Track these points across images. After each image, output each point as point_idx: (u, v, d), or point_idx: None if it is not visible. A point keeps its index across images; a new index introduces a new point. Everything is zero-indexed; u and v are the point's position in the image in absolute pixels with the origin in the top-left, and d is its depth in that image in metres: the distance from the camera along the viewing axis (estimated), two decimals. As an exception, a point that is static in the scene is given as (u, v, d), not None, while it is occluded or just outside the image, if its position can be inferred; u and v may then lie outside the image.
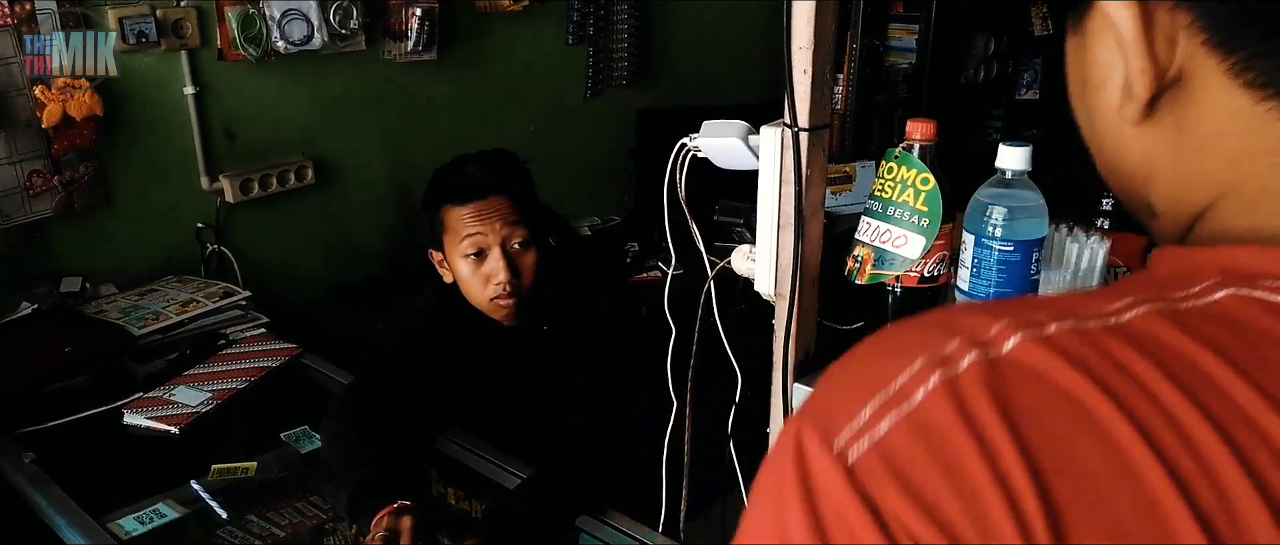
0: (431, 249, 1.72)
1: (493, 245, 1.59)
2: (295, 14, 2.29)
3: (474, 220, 1.59)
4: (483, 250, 1.59)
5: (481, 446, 1.63)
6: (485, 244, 1.59)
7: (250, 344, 1.95)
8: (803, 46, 1.06)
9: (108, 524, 1.39)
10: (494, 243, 1.58)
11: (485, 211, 1.58)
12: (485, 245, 1.59)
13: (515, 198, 1.60)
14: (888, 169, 1.07)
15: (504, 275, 1.58)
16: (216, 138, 2.30)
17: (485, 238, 1.59)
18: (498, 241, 1.58)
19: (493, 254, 1.59)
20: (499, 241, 1.58)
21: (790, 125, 1.09)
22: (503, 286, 1.59)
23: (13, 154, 1.96)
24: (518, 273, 1.60)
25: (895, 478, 0.36)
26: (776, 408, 1.20)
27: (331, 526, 1.61)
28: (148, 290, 2.07)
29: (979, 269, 1.02)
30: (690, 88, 3.51)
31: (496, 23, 2.85)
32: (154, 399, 1.72)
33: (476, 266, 1.61)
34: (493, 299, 1.62)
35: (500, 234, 1.58)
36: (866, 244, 1.08)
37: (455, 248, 1.62)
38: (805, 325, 1.18)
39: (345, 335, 2.42)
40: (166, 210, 2.25)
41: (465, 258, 1.61)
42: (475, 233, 1.59)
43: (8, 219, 1.97)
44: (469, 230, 1.59)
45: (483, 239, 1.59)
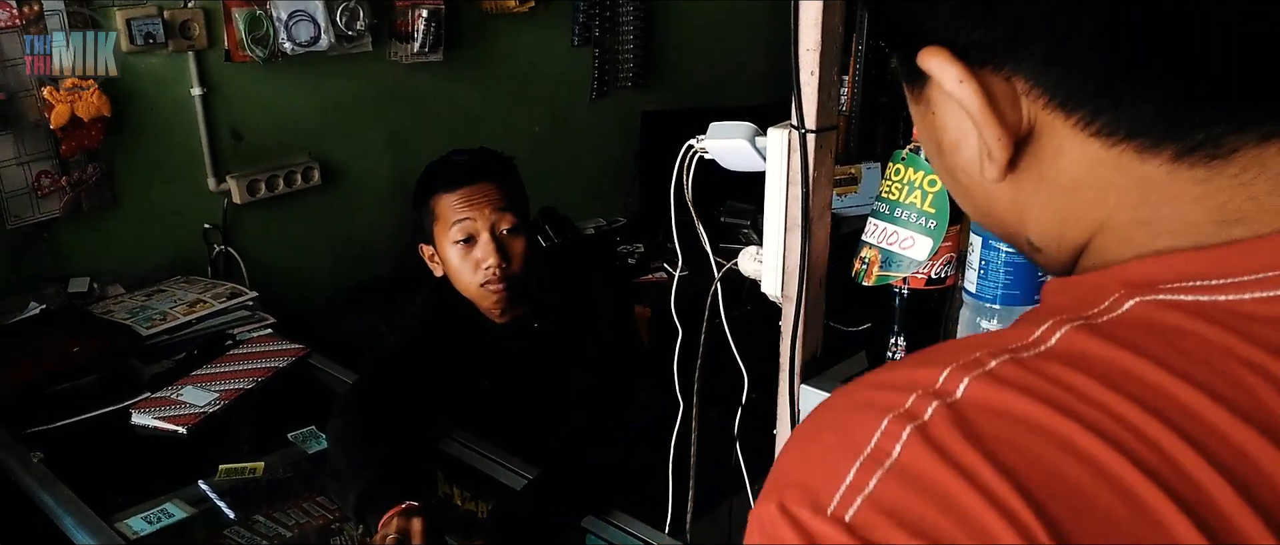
0: (422, 243, 1.73)
1: (481, 230, 1.60)
2: (302, 15, 2.29)
3: (463, 205, 1.61)
4: (472, 236, 1.61)
5: (486, 446, 1.64)
6: (474, 229, 1.61)
7: (257, 344, 1.96)
8: (810, 48, 1.07)
9: (116, 524, 1.39)
10: (483, 228, 1.60)
11: (473, 196, 1.60)
12: (474, 230, 1.61)
13: (503, 184, 1.62)
14: (895, 171, 1.07)
15: (493, 259, 1.60)
16: (223, 138, 2.31)
17: (474, 223, 1.61)
18: (486, 227, 1.60)
19: (482, 239, 1.61)
20: (487, 227, 1.60)
21: (797, 127, 1.09)
22: (492, 270, 1.61)
23: (21, 155, 1.97)
24: (507, 258, 1.61)
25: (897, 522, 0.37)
26: (783, 409, 1.20)
27: (338, 527, 1.61)
28: (155, 290, 2.08)
29: (986, 271, 1.03)
30: (694, 90, 3.52)
31: (502, 24, 2.85)
32: (161, 399, 1.72)
33: (466, 252, 1.62)
34: (482, 285, 1.63)
35: (489, 219, 1.59)
36: (873, 246, 1.08)
37: (445, 236, 1.64)
38: (812, 327, 1.18)
39: (351, 336, 2.43)
40: (173, 211, 2.26)
41: (455, 245, 1.63)
42: (464, 218, 1.61)
43: (16, 219, 1.98)
44: (458, 216, 1.61)
45: (471, 224, 1.61)
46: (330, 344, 2.03)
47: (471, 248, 1.62)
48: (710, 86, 3.60)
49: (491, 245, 1.60)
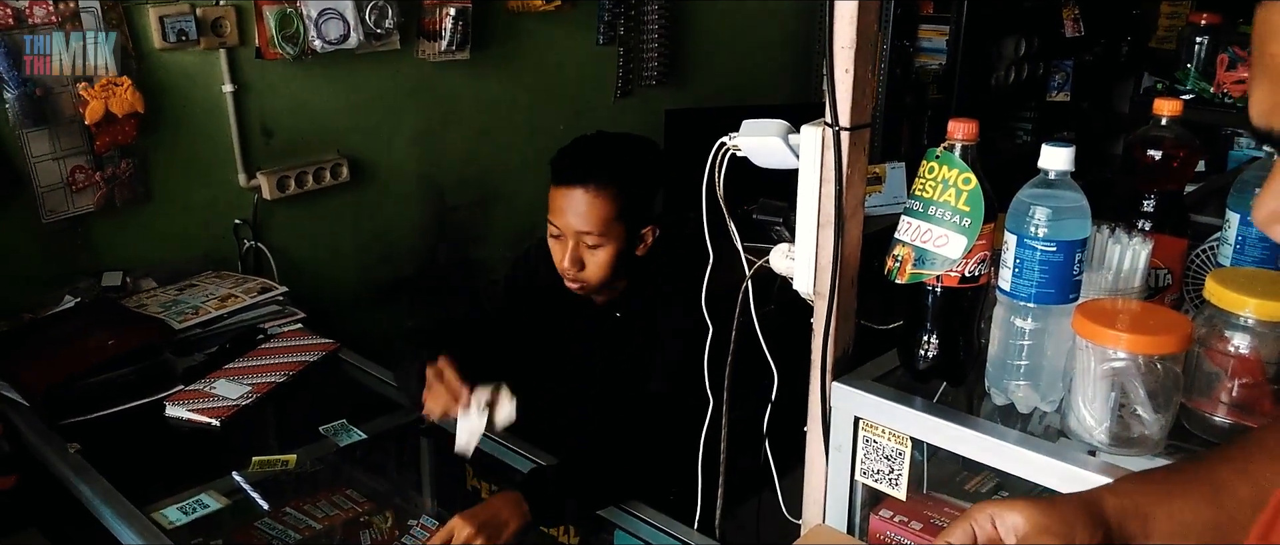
0: None
1: (566, 234, 1.61)
2: (332, 13, 2.31)
3: (555, 205, 1.62)
4: (561, 232, 1.62)
5: (518, 443, 1.64)
6: (561, 230, 1.62)
7: (288, 339, 1.98)
8: (845, 46, 1.07)
9: (152, 514, 1.41)
10: (568, 234, 1.61)
11: (563, 201, 1.61)
12: (560, 231, 1.63)
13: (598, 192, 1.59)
14: (929, 169, 1.07)
15: (566, 265, 1.62)
16: (254, 135, 2.33)
17: (559, 227, 1.62)
18: (570, 233, 1.61)
19: (566, 240, 1.62)
20: (571, 234, 1.61)
21: (831, 124, 1.10)
22: (565, 273, 1.63)
23: (56, 150, 1.99)
24: (582, 266, 1.62)
25: None
26: (815, 406, 1.21)
27: (367, 519, 1.63)
28: (187, 285, 2.10)
29: (1021, 269, 1.03)
30: (718, 88, 3.52)
31: (528, 23, 2.87)
32: (195, 392, 1.74)
33: (555, 241, 1.65)
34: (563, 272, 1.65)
35: (573, 228, 1.59)
36: (907, 243, 1.08)
37: None
38: (844, 324, 1.18)
39: (379, 331, 2.45)
40: (205, 206, 2.28)
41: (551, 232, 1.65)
42: (553, 219, 1.63)
43: (51, 214, 2.01)
44: (551, 213, 1.63)
45: (557, 227, 1.63)
46: (358, 339, 2.05)
47: (560, 240, 1.64)
48: (734, 85, 3.60)
49: (567, 251, 1.62)
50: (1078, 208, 1.01)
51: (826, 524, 1.24)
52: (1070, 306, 1.01)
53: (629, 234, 1.63)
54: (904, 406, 1.11)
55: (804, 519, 1.27)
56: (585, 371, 1.79)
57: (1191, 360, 1.00)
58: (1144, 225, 1.25)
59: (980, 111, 1.55)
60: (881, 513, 1.20)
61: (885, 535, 1.19)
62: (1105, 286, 1.09)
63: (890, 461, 1.14)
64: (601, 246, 1.60)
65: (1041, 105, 4.38)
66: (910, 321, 1.13)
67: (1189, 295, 1.25)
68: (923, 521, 1.17)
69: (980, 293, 1.10)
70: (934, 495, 1.21)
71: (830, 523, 1.23)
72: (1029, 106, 4.37)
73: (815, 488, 1.24)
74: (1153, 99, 1.27)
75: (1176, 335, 0.93)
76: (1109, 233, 1.12)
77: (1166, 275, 1.19)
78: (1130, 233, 1.12)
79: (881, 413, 1.13)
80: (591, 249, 1.61)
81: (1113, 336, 0.93)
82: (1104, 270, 1.10)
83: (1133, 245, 1.11)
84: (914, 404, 1.11)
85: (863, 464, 1.17)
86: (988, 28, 3.83)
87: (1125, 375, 0.96)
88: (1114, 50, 4.57)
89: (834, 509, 1.22)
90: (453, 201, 2.83)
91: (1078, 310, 0.98)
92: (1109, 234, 1.12)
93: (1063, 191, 1.02)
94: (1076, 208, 1.01)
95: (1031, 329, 1.04)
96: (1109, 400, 0.97)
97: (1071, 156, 1.02)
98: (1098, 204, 1.06)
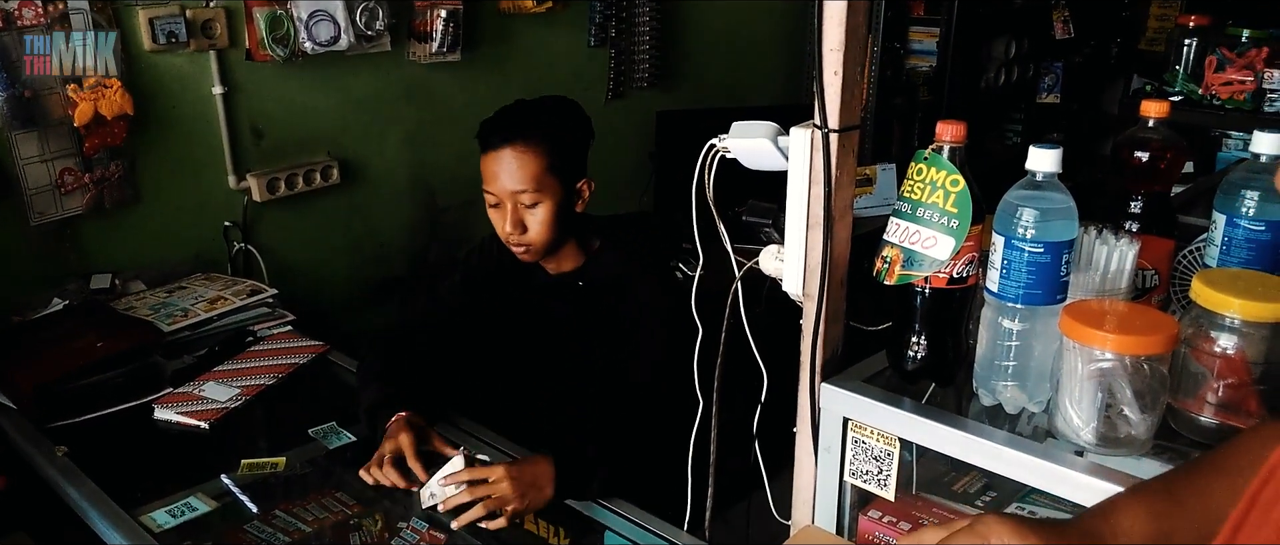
0: None
1: (504, 200, 1.62)
2: (322, 15, 2.31)
3: (487, 173, 1.63)
4: (498, 199, 1.63)
5: (490, 435, 1.67)
6: (497, 197, 1.63)
7: (277, 341, 1.97)
8: (833, 48, 1.08)
9: (140, 517, 1.40)
10: (504, 197, 1.62)
11: (496, 166, 1.62)
12: (497, 199, 1.64)
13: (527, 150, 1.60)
14: (917, 170, 1.07)
15: (508, 229, 1.63)
16: (244, 137, 2.33)
17: (495, 193, 1.63)
18: (506, 197, 1.62)
19: (505, 206, 1.63)
20: (507, 197, 1.62)
21: (820, 126, 1.10)
22: (509, 239, 1.65)
23: (45, 152, 1.99)
24: (525, 228, 1.63)
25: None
26: (804, 407, 1.21)
27: (356, 522, 1.63)
28: (176, 287, 2.10)
29: (1009, 270, 1.03)
30: (709, 90, 3.53)
31: (520, 24, 2.87)
32: (184, 394, 1.74)
33: (495, 211, 1.66)
34: (508, 240, 1.67)
35: (508, 189, 1.61)
36: (895, 245, 1.08)
37: None
38: (833, 325, 1.19)
39: (370, 333, 2.44)
40: (194, 208, 2.28)
41: (488, 203, 1.66)
42: (489, 187, 1.64)
43: (40, 216, 2.00)
44: (485, 182, 1.64)
45: (494, 194, 1.64)
46: (348, 341, 2.04)
47: (499, 209, 1.65)
48: (725, 87, 3.60)
49: (506, 215, 1.63)
50: (1065, 209, 1.02)
51: (816, 525, 1.24)
52: (1057, 307, 1.02)
53: (565, 188, 1.65)
54: (893, 407, 1.11)
55: (793, 520, 1.28)
56: (557, 347, 1.79)
57: (1178, 361, 1.00)
58: (1131, 226, 1.25)
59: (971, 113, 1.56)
60: (870, 513, 1.20)
61: (874, 536, 1.19)
62: (1092, 287, 1.10)
63: (879, 462, 1.14)
64: (539, 203, 1.62)
65: (1032, 107, 4.39)
66: (899, 322, 1.14)
67: (1176, 296, 1.25)
68: (911, 522, 1.17)
69: (968, 294, 1.11)
70: (923, 496, 1.22)
71: (819, 524, 1.24)
72: (1019, 108, 4.38)
73: (804, 489, 1.24)
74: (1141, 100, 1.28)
75: (1163, 336, 0.94)
76: (1096, 234, 1.12)
77: (1153, 276, 1.20)
78: (1117, 234, 1.13)
79: (870, 413, 1.13)
80: (530, 209, 1.62)
81: (1099, 337, 0.94)
82: (1091, 271, 1.11)
83: (1119, 246, 1.11)
84: (903, 405, 1.11)
85: (852, 465, 1.18)
86: (978, 30, 3.85)
87: (1112, 376, 0.97)
88: (1104, 52, 4.60)
89: (823, 510, 1.23)
90: (444, 202, 2.83)
91: (1065, 311, 0.98)
92: (1096, 235, 1.12)
93: (1050, 193, 1.02)
94: (1064, 209, 1.02)
95: (1019, 330, 1.05)
96: (1096, 401, 0.98)
97: (1058, 158, 1.02)
98: (1088, 205, 1.07)
